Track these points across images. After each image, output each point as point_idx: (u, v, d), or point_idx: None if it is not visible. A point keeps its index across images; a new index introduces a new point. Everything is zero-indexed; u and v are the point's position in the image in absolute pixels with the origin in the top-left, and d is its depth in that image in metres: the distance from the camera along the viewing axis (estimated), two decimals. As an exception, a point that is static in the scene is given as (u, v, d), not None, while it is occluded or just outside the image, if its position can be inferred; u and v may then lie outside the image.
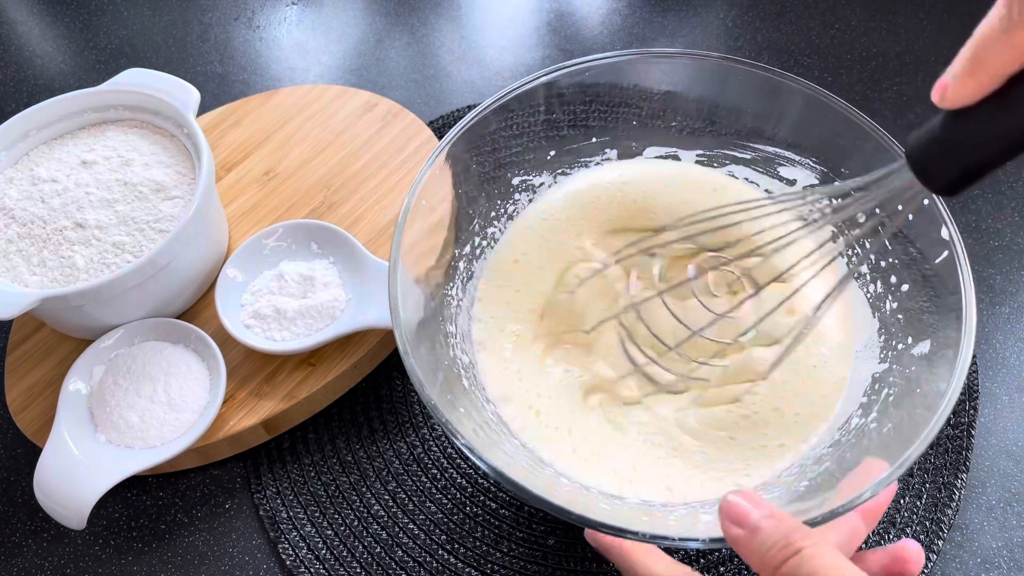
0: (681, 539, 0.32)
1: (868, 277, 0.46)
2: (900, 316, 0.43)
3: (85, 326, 0.51)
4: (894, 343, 0.43)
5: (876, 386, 0.42)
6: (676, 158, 0.52)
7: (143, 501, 0.50)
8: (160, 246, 0.47)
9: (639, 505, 0.40)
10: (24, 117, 0.53)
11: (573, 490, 0.40)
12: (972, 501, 0.47)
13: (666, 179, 0.51)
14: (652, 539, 0.33)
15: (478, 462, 0.35)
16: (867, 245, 0.45)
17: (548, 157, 0.51)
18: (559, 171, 0.52)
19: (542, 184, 0.51)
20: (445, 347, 0.44)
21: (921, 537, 0.46)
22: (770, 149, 0.50)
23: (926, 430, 0.35)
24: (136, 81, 0.55)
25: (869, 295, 0.46)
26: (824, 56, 0.71)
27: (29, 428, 0.50)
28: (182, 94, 0.54)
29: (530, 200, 0.51)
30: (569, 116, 0.50)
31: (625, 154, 0.52)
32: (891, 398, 0.41)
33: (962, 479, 0.48)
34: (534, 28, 0.76)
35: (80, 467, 0.45)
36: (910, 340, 0.42)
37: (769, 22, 0.74)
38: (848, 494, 0.33)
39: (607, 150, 0.52)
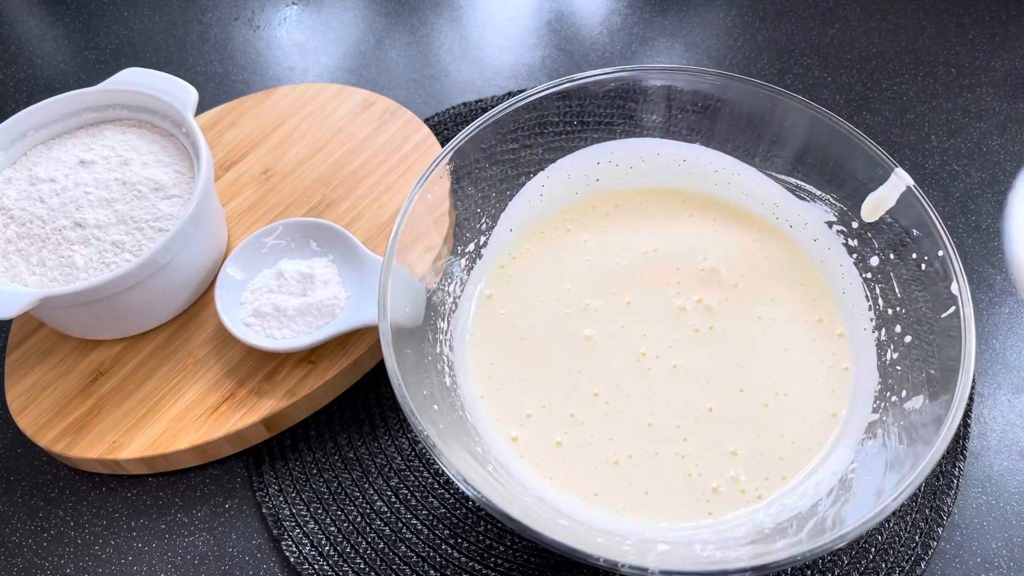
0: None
1: (874, 323, 0.45)
2: (899, 367, 0.42)
3: (85, 326, 0.51)
4: (888, 394, 0.42)
5: (863, 434, 0.42)
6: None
7: (143, 501, 0.50)
8: (159, 245, 0.47)
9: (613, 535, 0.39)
10: (22, 117, 0.53)
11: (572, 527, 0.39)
12: (972, 501, 0.47)
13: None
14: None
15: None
16: None
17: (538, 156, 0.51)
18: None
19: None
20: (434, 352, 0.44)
21: (918, 537, 0.46)
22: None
23: (864, 519, 0.33)
24: (134, 80, 0.55)
25: (875, 340, 0.45)
26: (824, 56, 0.71)
27: (29, 428, 0.50)
28: (180, 93, 0.54)
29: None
30: (554, 127, 0.50)
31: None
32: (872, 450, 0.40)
33: (962, 479, 0.47)
34: (534, 28, 0.76)
35: None
36: (904, 393, 0.41)
37: (769, 22, 0.74)
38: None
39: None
